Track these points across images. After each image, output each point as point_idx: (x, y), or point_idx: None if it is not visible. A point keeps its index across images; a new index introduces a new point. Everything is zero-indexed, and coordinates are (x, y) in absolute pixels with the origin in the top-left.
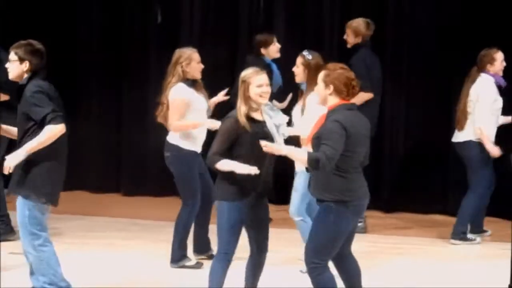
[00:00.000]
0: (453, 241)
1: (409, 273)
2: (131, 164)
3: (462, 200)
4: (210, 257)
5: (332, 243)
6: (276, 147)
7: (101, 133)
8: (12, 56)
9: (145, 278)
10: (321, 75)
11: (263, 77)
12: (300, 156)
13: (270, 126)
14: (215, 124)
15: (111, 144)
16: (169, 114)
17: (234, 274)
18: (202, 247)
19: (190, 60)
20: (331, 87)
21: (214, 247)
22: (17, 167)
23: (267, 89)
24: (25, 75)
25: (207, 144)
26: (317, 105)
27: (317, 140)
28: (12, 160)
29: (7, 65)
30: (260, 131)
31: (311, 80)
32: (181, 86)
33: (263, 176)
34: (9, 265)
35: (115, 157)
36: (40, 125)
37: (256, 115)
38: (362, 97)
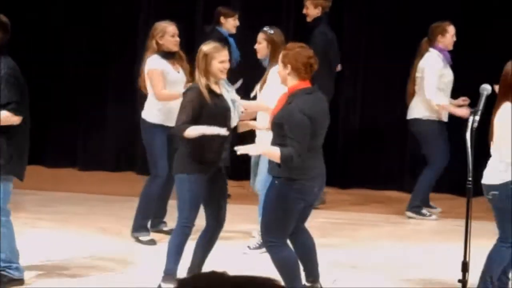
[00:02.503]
0: (408, 213)
1: (363, 249)
2: (87, 138)
3: (420, 175)
4: (163, 231)
5: (283, 221)
6: (253, 149)
7: (57, 107)
8: None
9: (99, 252)
10: (280, 55)
11: (225, 53)
12: (274, 154)
13: (228, 100)
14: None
15: (68, 118)
16: (152, 86)
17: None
18: (158, 222)
19: (163, 33)
20: (289, 66)
21: (170, 222)
22: None
23: (228, 65)
24: None
25: None
26: (277, 80)
27: (279, 128)
28: None
29: None
30: (220, 104)
31: (274, 56)
32: (154, 57)
33: (223, 150)
34: None
35: (71, 131)
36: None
37: (216, 88)
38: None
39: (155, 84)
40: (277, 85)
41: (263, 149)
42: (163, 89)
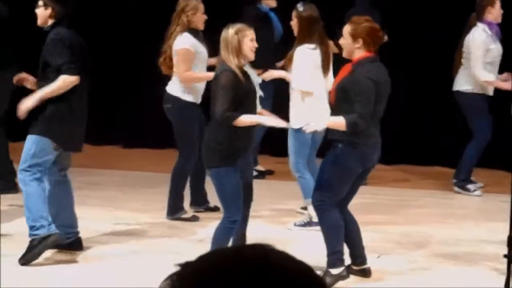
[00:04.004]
0: (455, 188)
1: (408, 225)
2: (130, 117)
3: (465, 149)
4: (207, 209)
5: (339, 182)
6: (319, 124)
7: (98, 86)
8: (39, 2)
9: (145, 230)
10: (348, 29)
11: (253, 32)
12: (339, 124)
13: (256, 83)
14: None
15: (109, 97)
16: (176, 64)
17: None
18: (199, 200)
19: (196, 9)
20: (360, 41)
21: (211, 199)
22: (32, 110)
23: (256, 45)
24: (49, 21)
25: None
26: (304, 58)
27: (344, 92)
28: (25, 105)
29: (36, 10)
30: (251, 87)
31: (302, 32)
32: (187, 35)
33: (252, 134)
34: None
35: (113, 110)
36: (56, 73)
37: (247, 70)
38: None
39: (182, 63)
40: (303, 66)
41: (328, 121)
42: (188, 71)
